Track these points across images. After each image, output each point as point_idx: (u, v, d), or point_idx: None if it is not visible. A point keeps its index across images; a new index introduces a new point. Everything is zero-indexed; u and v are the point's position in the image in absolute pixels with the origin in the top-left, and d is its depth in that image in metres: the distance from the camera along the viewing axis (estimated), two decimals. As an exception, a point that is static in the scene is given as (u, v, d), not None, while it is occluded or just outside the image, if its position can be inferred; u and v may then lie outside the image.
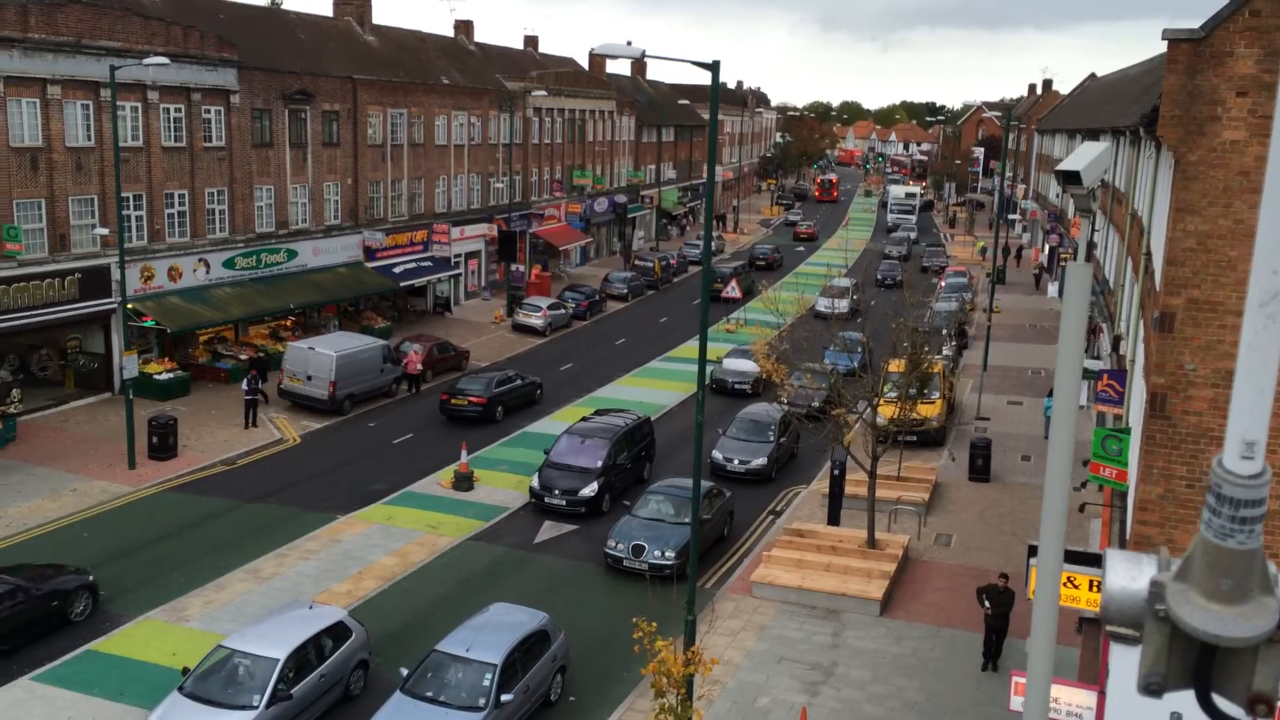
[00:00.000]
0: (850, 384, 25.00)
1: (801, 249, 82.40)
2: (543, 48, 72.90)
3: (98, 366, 34.82)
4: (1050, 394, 34.59)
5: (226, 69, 37.90)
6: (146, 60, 28.51)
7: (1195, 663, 2.37)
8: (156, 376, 34.50)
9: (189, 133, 36.83)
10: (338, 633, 17.86)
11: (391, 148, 47.68)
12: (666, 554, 23.02)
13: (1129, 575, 2.56)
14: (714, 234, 78.14)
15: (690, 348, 46.38)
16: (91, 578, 20.90)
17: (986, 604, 19.51)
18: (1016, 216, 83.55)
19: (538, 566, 24.03)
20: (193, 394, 35.35)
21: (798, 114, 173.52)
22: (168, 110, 36.00)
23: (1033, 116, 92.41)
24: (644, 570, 22.51)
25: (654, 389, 39.91)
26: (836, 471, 25.94)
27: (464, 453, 29.63)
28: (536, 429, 34.37)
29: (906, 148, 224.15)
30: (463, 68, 56.03)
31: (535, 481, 27.25)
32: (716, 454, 30.00)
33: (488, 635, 17.42)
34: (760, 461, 29.97)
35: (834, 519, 25.93)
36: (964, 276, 61.60)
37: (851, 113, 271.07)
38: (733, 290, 50.52)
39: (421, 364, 38.12)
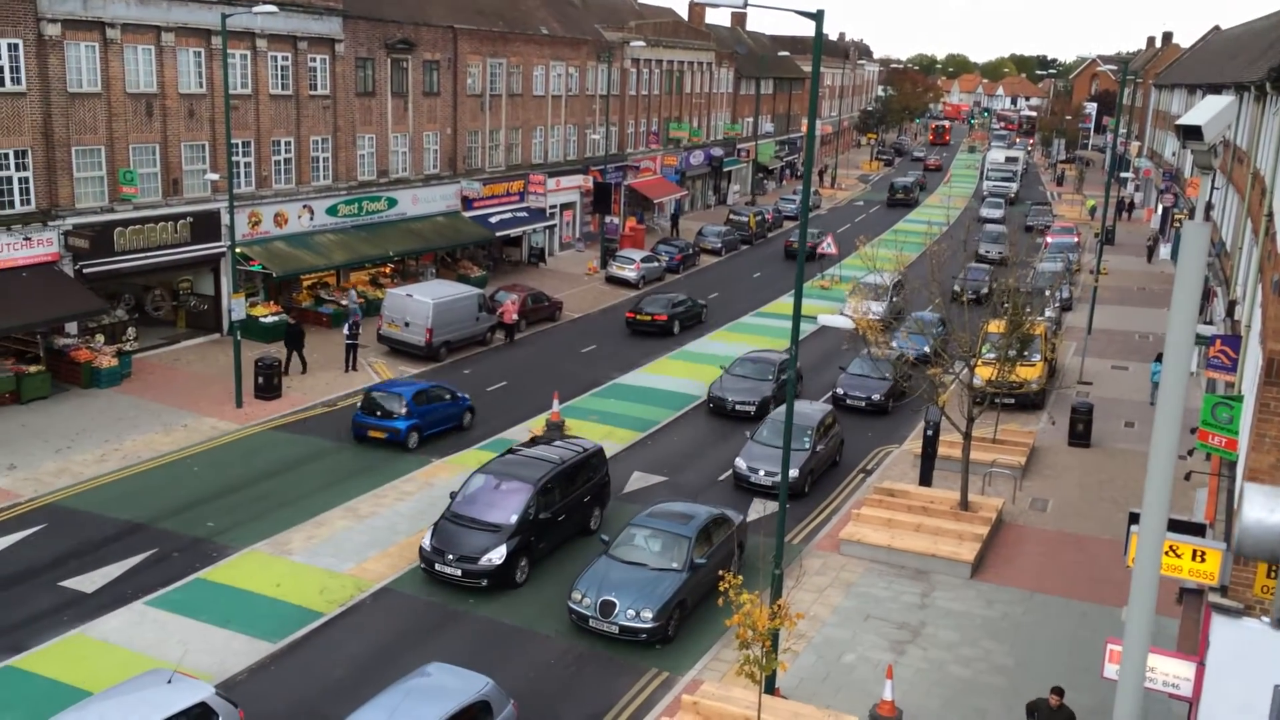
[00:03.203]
0: (949, 343, 24.48)
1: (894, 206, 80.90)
2: (642, -3, 72.25)
3: (207, 308, 36.08)
4: (1158, 359, 33.49)
5: (332, 18, 38.48)
6: (255, 8, 29.09)
7: None
8: (262, 319, 35.59)
9: (295, 81, 37.59)
10: (197, 717, 14.22)
11: (490, 98, 47.96)
12: (643, 613, 18.37)
13: (1267, 508, 2.58)
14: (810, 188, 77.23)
15: (784, 304, 46.01)
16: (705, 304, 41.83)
17: None
18: (1129, 175, 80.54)
19: (625, 514, 24.26)
20: (296, 337, 36.37)
21: (901, 67, 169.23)
22: (275, 58, 36.77)
23: (1150, 70, 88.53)
24: (613, 633, 18.50)
25: (746, 344, 39.69)
26: (930, 432, 25.56)
27: (555, 402, 29.99)
28: (628, 380, 34.58)
29: (1014, 103, 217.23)
30: (561, 18, 55.91)
31: (428, 540, 20.67)
32: (740, 462, 25.88)
33: (411, 706, 14.24)
34: (791, 473, 23.83)
35: (926, 480, 25.61)
36: (1072, 236, 59.66)
37: (958, 66, 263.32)
38: (828, 246, 49.84)
39: (517, 313, 38.59)
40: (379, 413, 27.66)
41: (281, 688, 17.09)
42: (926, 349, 28.55)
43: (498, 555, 20.03)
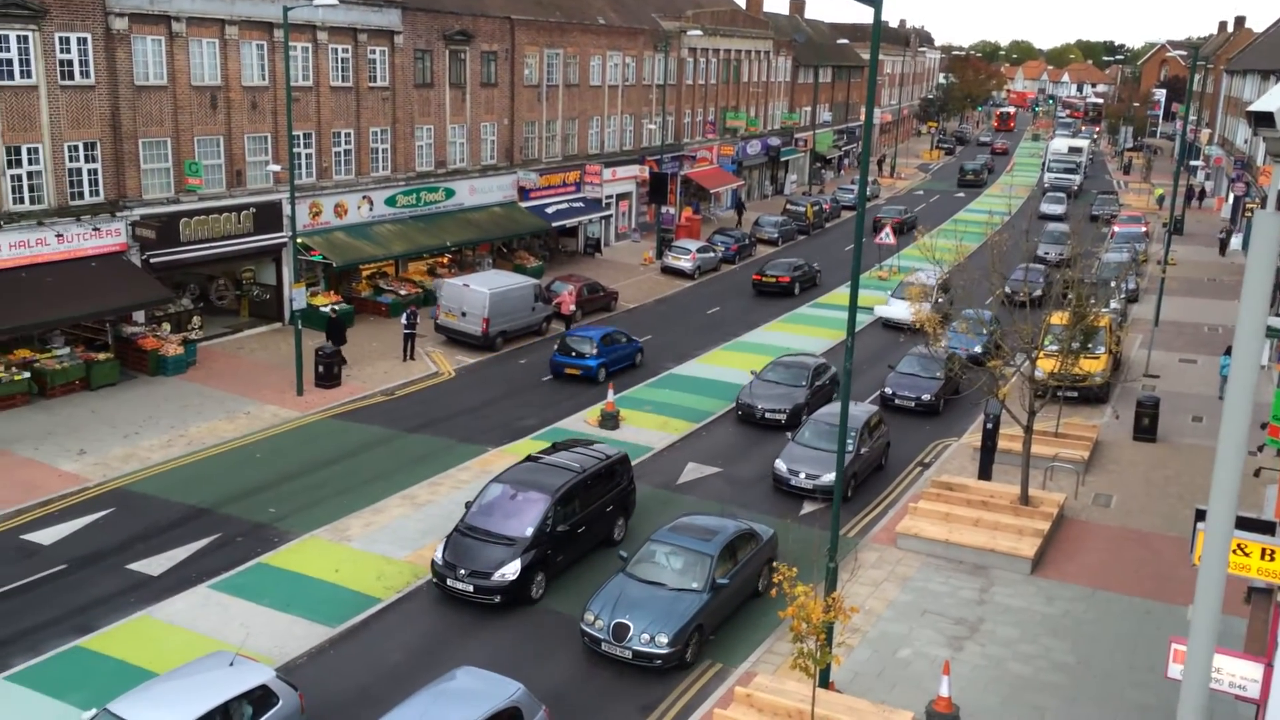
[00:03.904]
0: (1009, 335, 24.04)
1: (962, 192, 79.69)
2: (700, -14, 71.90)
3: (270, 297, 36.70)
4: (1228, 352, 32.62)
5: (391, 10, 38.83)
6: (317, 1, 29.43)
7: None
8: (323, 309, 36.10)
9: (355, 73, 38.01)
10: (258, 699, 14.49)
11: (547, 88, 48.11)
12: (658, 638, 17.20)
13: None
14: (869, 178, 76.66)
15: (841, 294, 45.61)
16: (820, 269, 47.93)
17: None
18: (1199, 163, 78.54)
19: (681, 506, 24.26)
20: (355, 326, 36.87)
21: (963, 54, 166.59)
22: (336, 51, 37.21)
23: (1222, 56, 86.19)
24: (626, 658, 17.38)
25: (803, 335, 39.48)
26: (990, 425, 25.16)
27: (610, 392, 30.04)
28: (682, 371, 34.53)
29: (1080, 89, 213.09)
30: (618, 7, 55.84)
31: (439, 553, 19.74)
32: (780, 464, 24.95)
33: (439, 712, 13.92)
34: (833, 476, 22.58)
35: (985, 473, 25.23)
36: (1139, 225, 58.29)
37: (1022, 52, 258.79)
38: (886, 236, 49.30)
39: (574, 304, 38.69)
40: (573, 353, 32.99)
41: (340, 672, 17.35)
42: (977, 349, 27.98)
43: (511, 570, 19.01)
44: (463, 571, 19.19)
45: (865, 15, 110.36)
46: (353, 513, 23.03)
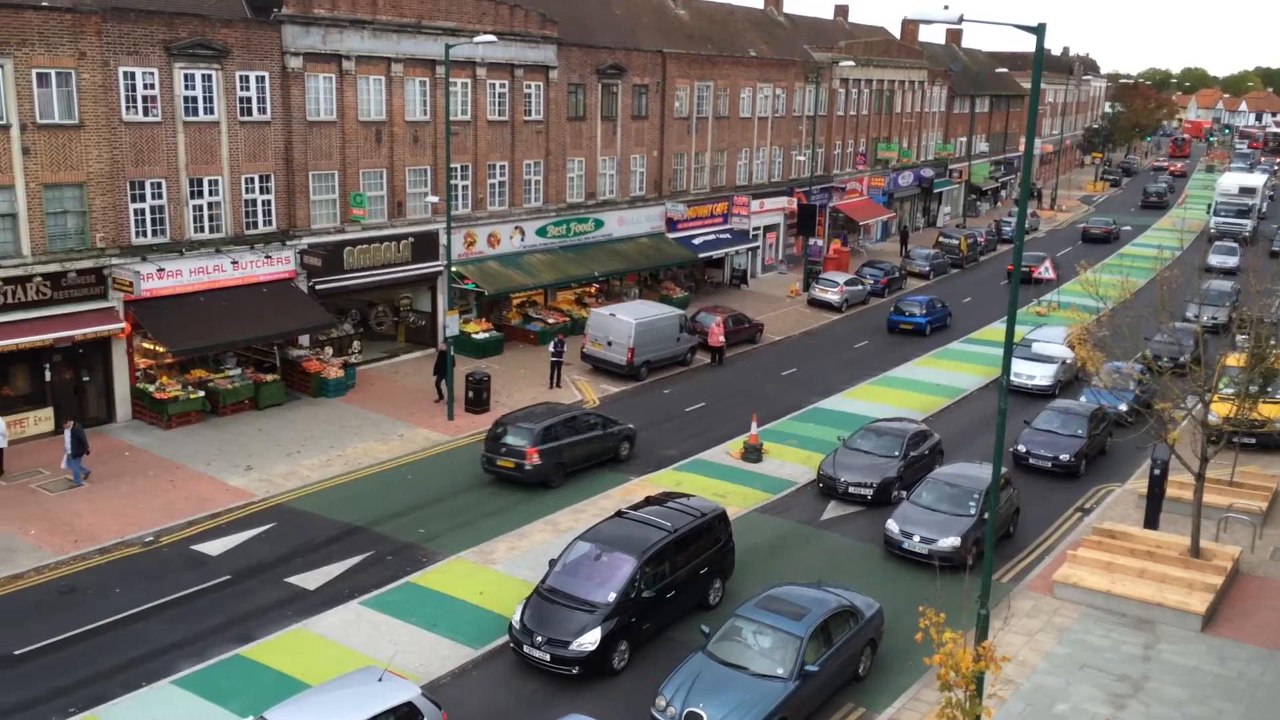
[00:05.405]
0: (1178, 379, 22.71)
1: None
2: (853, 17, 71.36)
3: (425, 324, 37.92)
4: None
5: (547, 46, 39.82)
6: (477, 39, 30.42)
7: None
8: (474, 336, 37.05)
9: (511, 107, 39.08)
10: (404, 715, 14.76)
11: (696, 120, 48.40)
12: None
13: None
14: (1028, 210, 73.98)
15: (995, 330, 44.12)
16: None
17: None
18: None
19: (822, 544, 23.76)
20: (505, 353, 37.71)
21: (1131, 82, 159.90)
22: (493, 86, 38.37)
23: None
24: None
25: (953, 371, 38.32)
26: (1157, 471, 23.77)
27: (754, 424, 29.75)
28: (827, 405, 33.94)
29: (1259, 119, 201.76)
30: (770, 39, 55.87)
31: (518, 616, 18.39)
32: (892, 525, 22.80)
33: None
34: (952, 541, 21.86)
35: (1152, 522, 23.84)
36: None
37: (1195, 80, 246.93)
38: (1046, 271, 47.50)
39: (722, 335, 38.55)
40: (906, 313, 43.63)
41: (481, 694, 17.59)
42: (1122, 407, 26.61)
43: (590, 640, 17.49)
44: (539, 639, 17.75)
45: (1027, 43, 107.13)
46: (498, 536, 23.42)
